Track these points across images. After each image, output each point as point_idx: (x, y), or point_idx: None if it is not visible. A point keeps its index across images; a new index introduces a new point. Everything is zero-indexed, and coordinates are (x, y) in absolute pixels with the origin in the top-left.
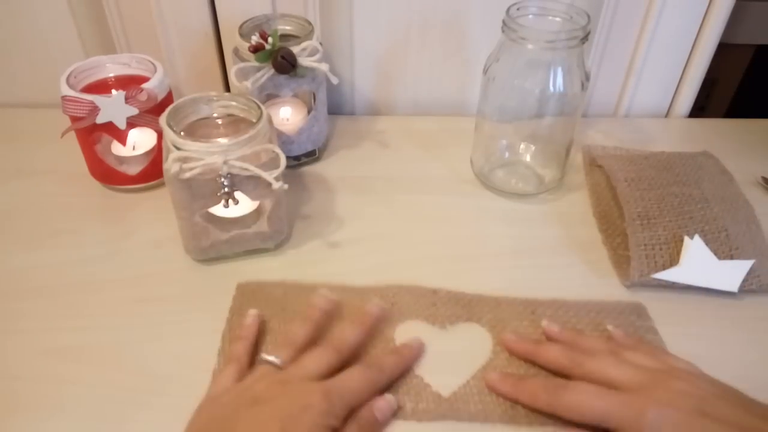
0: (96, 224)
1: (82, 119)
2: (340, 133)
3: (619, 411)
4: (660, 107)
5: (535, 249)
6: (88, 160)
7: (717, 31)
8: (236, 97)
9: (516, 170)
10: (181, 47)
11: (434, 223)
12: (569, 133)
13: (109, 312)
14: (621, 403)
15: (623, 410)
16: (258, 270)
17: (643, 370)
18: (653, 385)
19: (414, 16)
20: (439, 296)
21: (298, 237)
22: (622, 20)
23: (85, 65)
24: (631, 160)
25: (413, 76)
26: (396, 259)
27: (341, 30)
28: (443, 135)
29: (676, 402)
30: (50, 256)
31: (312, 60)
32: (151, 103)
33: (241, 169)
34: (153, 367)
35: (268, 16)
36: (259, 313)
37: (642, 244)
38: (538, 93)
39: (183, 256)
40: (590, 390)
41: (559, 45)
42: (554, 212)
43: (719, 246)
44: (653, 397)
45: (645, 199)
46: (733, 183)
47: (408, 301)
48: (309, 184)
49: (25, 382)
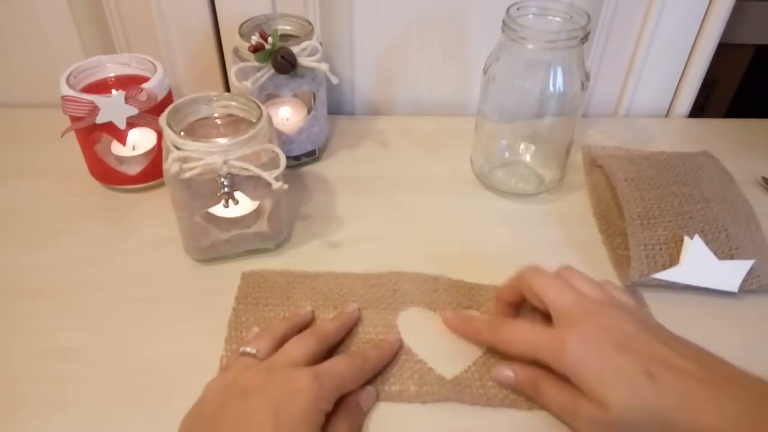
0: (96, 224)
1: (82, 119)
2: (340, 133)
3: (545, 343)
4: (660, 107)
5: (535, 249)
6: (88, 160)
7: (717, 31)
8: (236, 97)
9: (516, 170)
10: (181, 47)
11: (434, 223)
12: (569, 133)
13: (109, 312)
14: (547, 336)
15: (549, 343)
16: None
17: (583, 300)
18: (580, 319)
19: (414, 16)
20: (441, 283)
21: (298, 237)
22: (622, 20)
23: (85, 65)
24: (631, 160)
25: (413, 76)
26: (396, 259)
27: (341, 30)
28: (443, 135)
29: (598, 335)
30: (50, 256)
31: (312, 60)
32: (151, 103)
33: (241, 169)
34: (153, 367)
35: (268, 16)
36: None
37: (642, 244)
38: (538, 93)
39: (183, 256)
40: (524, 325)
41: (559, 45)
42: (554, 212)
43: (719, 246)
44: (576, 330)
45: (645, 199)
46: (733, 183)
47: (410, 288)
48: (309, 184)
49: (25, 382)
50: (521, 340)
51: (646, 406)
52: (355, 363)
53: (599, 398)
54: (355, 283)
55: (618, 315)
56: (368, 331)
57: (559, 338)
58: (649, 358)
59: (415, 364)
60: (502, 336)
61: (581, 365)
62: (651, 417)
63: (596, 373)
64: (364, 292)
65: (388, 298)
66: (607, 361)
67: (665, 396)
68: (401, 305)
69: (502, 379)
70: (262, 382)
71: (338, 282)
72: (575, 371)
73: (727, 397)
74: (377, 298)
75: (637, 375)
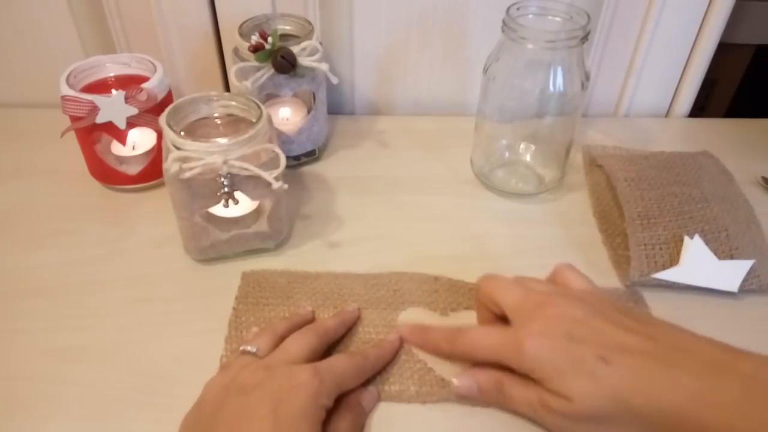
0: (96, 224)
1: (82, 119)
2: (340, 133)
3: (502, 346)
4: (660, 107)
5: (535, 249)
6: (88, 160)
7: (717, 31)
8: (236, 96)
9: (516, 170)
10: (181, 47)
11: (434, 223)
12: (569, 133)
13: (109, 312)
14: (503, 339)
15: (505, 345)
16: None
17: (530, 294)
18: (531, 313)
19: (414, 16)
20: (441, 283)
21: (298, 237)
22: (622, 20)
23: (85, 65)
24: (631, 160)
25: (413, 76)
26: (396, 259)
27: (341, 30)
28: (443, 135)
29: (549, 330)
30: (50, 256)
31: (312, 60)
32: (150, 103)
33: (241, 169)
34: (153, 367)
35: (268, 16)
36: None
37: (642, 244)
38: (538, 93)
39: (183, 256)
40: (480, 331)
41: (559, 45)
42: (554, 212)
43: (719, 246)
44: (528, 328)
45: (645, 199)
46: (733, 183)
47: (410, 288)
48: (309, 184)
49: (25, 382)
50: (479, 347)
51: (605, 392)
52: (355, 361)
53: (562, 392)
54: (355, 283)
55: (565, 303)
56: (368, 331)
57: (514, 338)
58: (599, 343)
59: (415, 364)
60: (459, 345)
61: (539, 362)
62: (613, 401)
63: (554, 366)
64: (364, 292)
65: (389, 298)
66: (561, 352)
67: (621, 378)
68: (401, 305)
69: (463, 391)
70: (261, 378)
71: (338, 282)
72: (534, 369)
73: (681, 370)
74: (377, 298)
75: (591, 361)
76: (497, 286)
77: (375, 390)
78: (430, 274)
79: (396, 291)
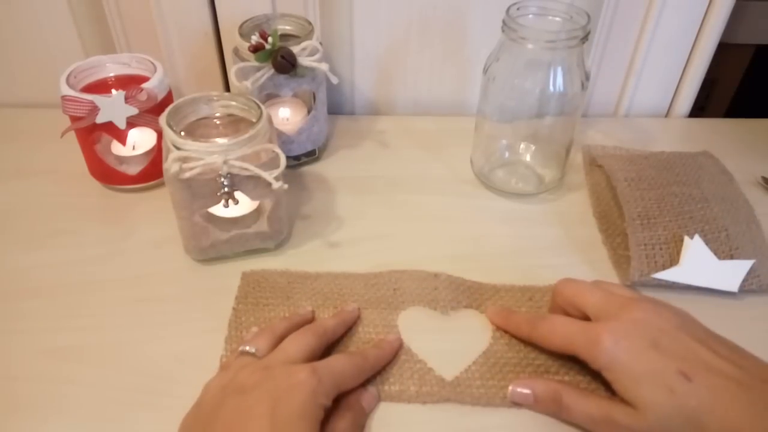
0: (96, 224)
1: (82, 119)
2: (340, 133)
3: (580, 336)
4: (660, 107)
5: (535, 249)
6: (88, 160)
7: (717, 31)
8: (236, 96)
9: (516, 170)
10: (181, 47)
11: (434, 223)
12: (569, 133)
13: (109, 312)
14: (582, 330)
15: (583, 336)
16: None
17: (614, 296)
18: (615, 314)
19: (414, 16)
20: (440, 280)
21: (298, 237)
22: (622, 20)
23: (85, 65)
24: (631, 160)
25: (413, 76)
26: (396, 259)
27: (341, 30)
28: (443, 135)
29: (633, 332)
30: (50, 256)
31: (312, 60)
32: (150, 103)
33: (241, 169)
34: (153, 367)
35: (268, 16)
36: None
37: (642, 244)
38: (538, 93)
39: (183, 256)
40: (560, 320)
41: (559, 45)
42: (554, 212)
43: (719, 246)
44: (611, 326)
45: (645, 199)
46: (733, 183)
47: (410, 286)
48: (309, 184)
49: (25, 382)
50: (558, 333)
51: (680, 409)
52: (354, 360)
53: (632, 398)
54: (355, 283)
55: (653, 310)
56: (368, 330)
57: (594, 331)
58: (684, 358)
59: (415, 365)
60: (539, 330)
61: (615, 361)
62: (686, 420)
63: (630, 370)
64: (364, 292)
65: (389, 297)
66: (641, 358)
67: (700, 398)
68: (402, 304)
69: (518, 398)
70: (259, 378)
71: (338, 282)
72: (609, 368)
73: (764, 401)
74: (377, 298)
75: (671, 375)
76: (579, 289)
77: (375, 390)
78: (429, 271)
79: (396, 290)
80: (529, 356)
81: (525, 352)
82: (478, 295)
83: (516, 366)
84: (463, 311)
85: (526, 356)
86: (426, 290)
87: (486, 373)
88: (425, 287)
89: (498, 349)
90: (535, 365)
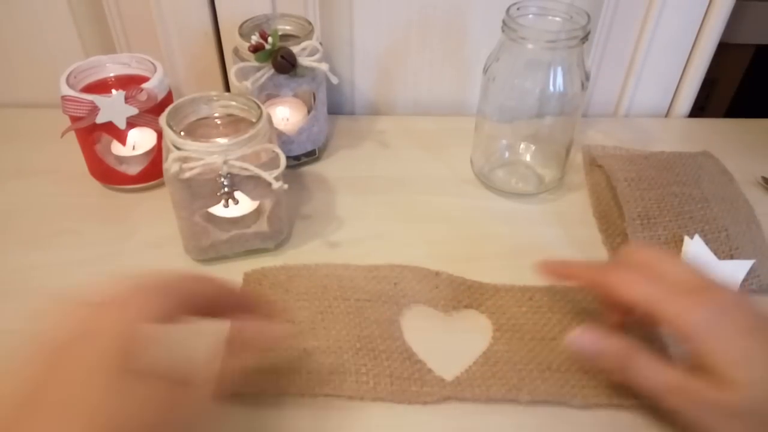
0: (96, 224)
1: (82, 119)
2: (340, 133)
3: (667, 298)
4: (660, 107)
5: (535, 249)
6: (88, 160)
7: (717, 31)
8: (236, 96)
9: (516, 170)
10: (181, 47)
11: (434, 223)
12: (569, 133)
13: None
14: (671, 292)
15: (672, 299)
16: None
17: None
18: (708, 290)
19: (414, 16)
20: (441, 278)
21: (298, 237)
22: (622, 20)
23: (85, 65)
24: (631, 160)
25: (413, 76)
26: (396, 259)
27: (341, 30)
28: (443, 135)
29: (731, 312)
30: (50, 256)
31: (312, 60)
32: (151, 103)
33: (241, 169)
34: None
35: (268, 16)
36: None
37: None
38: (538, 93)
39: (183, 256)
40: (640, 276)
41: (559, 45)
42: (554, 212)
43: (719, 246)
44: (707, 297)
45: (645, 199)
46: (733, 183)
47: (411, 282)
48: (309, 184)
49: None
50: (639, 286)
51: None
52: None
53: (726, 376)
54: (355, 274)
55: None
56: (369, 324)
57: (688, 298)
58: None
59: (415, 365)
60: (614, 276)
61: (709, 336)
62: None
63: (726, 349)
64: (364, 284)
65: (389, 291)
66: (737, 338)
67: None
68: (402, 299)
69: (584, 343)
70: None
71: (338, 274)
72: (700, 341)
73: None
74: (377, 291)
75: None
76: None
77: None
78: (430, 269)
79: (396, 284)
80: (530, 356)
81: (525, 352)
82: (478, 294)
83: (516, 366)
84: (464, 311)
85: (526, 356)
86: (427, 288)
87: (486, 374)
88: (426, 284)
89: (498, 349)
90: (536, 363)
